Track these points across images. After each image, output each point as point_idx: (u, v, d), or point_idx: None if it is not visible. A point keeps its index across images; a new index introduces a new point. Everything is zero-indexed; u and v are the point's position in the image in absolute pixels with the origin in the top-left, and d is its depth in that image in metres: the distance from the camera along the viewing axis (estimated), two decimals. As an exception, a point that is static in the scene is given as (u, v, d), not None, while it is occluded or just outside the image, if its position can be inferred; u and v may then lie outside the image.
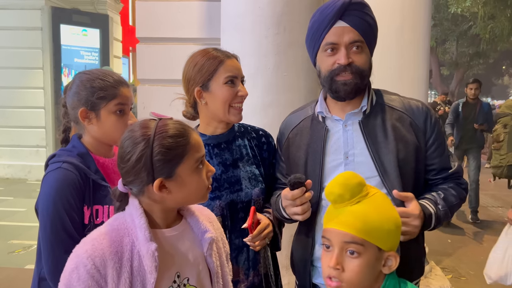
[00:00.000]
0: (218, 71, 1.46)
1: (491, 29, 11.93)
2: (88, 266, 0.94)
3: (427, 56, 3.73)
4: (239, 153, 1.54)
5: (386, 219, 1.03)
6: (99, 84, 1.37)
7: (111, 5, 8.74)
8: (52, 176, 1.29)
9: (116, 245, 0.98)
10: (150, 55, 3.51)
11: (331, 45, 1.33)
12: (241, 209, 1.47)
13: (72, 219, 1.26)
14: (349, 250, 1.00)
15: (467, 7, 10.98)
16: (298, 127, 1.49)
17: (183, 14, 3.43)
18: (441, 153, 1.41)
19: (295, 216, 1.34)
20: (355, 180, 1.03)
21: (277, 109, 2.58)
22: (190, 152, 1.01)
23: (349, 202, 1.01)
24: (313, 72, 2.66)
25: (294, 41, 2.54)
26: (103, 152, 1.43)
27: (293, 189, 1.29)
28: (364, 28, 1.33)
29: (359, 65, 1.32)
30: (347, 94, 1.34)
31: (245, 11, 2.55)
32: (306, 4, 2.56)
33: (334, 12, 1.31)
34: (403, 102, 1.41)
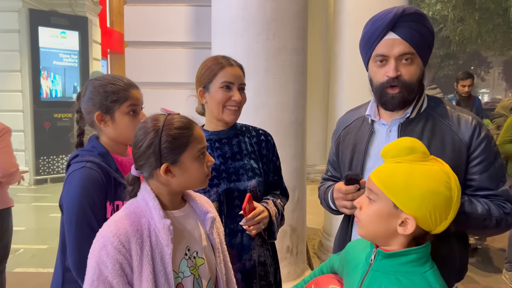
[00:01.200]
0: (218, 75, 1.61)
1: (461, 31, 12.41)
2: (114, 243, 1.07)
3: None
4: (238, 148, 1.69)
5: (417, 184, 1.05)
6: (111, 88, 1.47)
7: (89, 7, 8.69)
8: (77, 175, 1.38)
9: (135, 224, 1.12)
10: (138, 58, 3.58)
11: (381, 56, 1.36)
12: (236, 197, 1.62)
13: (96, 215, 1.36)
14: (368, 196, 1.11)
15: (437, 10, 11.42)
16: (350, 126, 1.57)
17: (171, 18, 3.52)
18: (482, 171, 1.35)
19: (343, 209, 1.42)
20: (422, 147, 1.10)
21: (267, 110, 2.72)
22: (193, 143, 1.16)
23: (419, 158, 1.08)
24: (301, 75, 2.83)
25: (283, 46, 2.67)
26: (119, 151, 1.53)
27: (348, 185, 1.37)
28: (416, 39, 1.34)
29: (407, 78, 1.35)
30: (394, 107, 1.39)
31: (236, 18, 2.67)
32: (294, 12, 2.70)
33: (385, 24, 1.33)
34: (452, 115, 1.40)
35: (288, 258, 2.87)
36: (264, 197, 1.72)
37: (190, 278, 1.18)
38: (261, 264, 1.67)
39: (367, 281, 1.12)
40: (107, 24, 10.89)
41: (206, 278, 1.23)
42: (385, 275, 1.09)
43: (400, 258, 1.08)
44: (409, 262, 1.08)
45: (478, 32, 12.13)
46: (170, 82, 3.54)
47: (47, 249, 4.56)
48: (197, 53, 3.53)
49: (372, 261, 1.13)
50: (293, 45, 2.71)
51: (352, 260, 1.23)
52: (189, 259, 1.19)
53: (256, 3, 2.61)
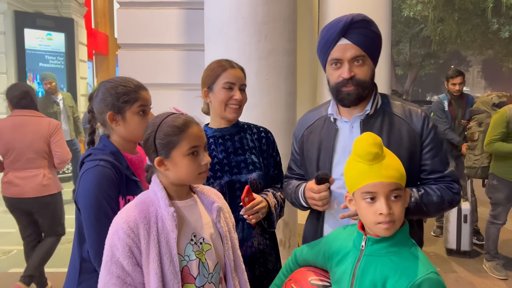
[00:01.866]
0: (220, 76, 1.77)
1: (441, 31, 12.71)
2: (124, 228, 1.21)
3: (389, 60, 4.10)
4: (240, 144, 1.84)
5: (401, 164, 1.25)
6: (122, 90, 1.55)
7: (75, 9, 8.66)
8: (91, 173, 1.47)
9: (144, 212, 1.25)
10: (132, 60, 3.65)
11: (336, 60, 1.52)
12: (238, 189, 1.75)
13: (112, 208, 1.45)
14: (393, 196, 1.20)
15: (418, 11, 11.66)
16: (313, 126, 1.70)
17: (163, 21, 3.60)
18: (433, 156, 1.54)
19: (316, 207, 1.57)
20: (378, 138, 1.23)
21: (260, 109, 2.83)
22: (184, 141, 1.27)
23: (381, 158, 1.22)
24: (292, 76, 2.95)
25: (275, 48, 2.79)
26: (128, 149, 1.62)
27: (319, 184, 1.51)
28: (366, 43, 1.51)
29: (360, 78, 1.51)
30: (350, 103, 1.55)
31: (229, 21, 2.78)
32: (285, 15, 2.82)
33: (337, 32, 1.50)
34: (404, 109, 1.57)
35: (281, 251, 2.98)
36: (265, 189, 1.84)
37: (196, 261, 1.29)
38: (260, 252, 1.79)
39: (361, 266, 1.25)
40: (92, 25, 10.86)
41: (213, 262, 1.34)
42: (378, 258, 1.23)
43: (389, 241, 1.23)
44: (396, 243, 1.23)
45: (457, 32, 12.43)
46: (163, 84, 3.62)
47: (40, 250, 4.58)
48: (189, 55, 3.62)
49: (363, 247, 1.26)
50: (284, 47, 2.83)
51: (340, 250, 1.34)
52: (195, 244, 1.30)
53: (248, 7, 2.72)
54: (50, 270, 4.07)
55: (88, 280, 1.48)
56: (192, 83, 3.58)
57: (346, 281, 1.27)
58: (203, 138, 1.32)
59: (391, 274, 1.19)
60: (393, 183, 1.20)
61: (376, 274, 1.21)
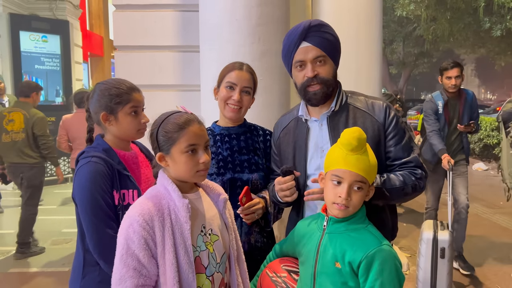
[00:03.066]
0: (226, 76, 1.88)
1: (433, 30, 12.81)
2: (140, 221, 1.24)
3: (380, 59, 4.17)
4: (246, 144, 1.91)
5: (375, 164, 1.42)
6: (115, 92, 1.63)
7: (70, 11, 8.70)
8: (85, 169, 1.55)
9: (157, 205, 1.30)
10: (128, 62, 3.70)
11: (299, 62, 1.64)
12: (239, 187, 1.82)
13: (106, 201, 1.52)
14: (356, 186, 1.38)
15: (411, 10, 11.76)
16: (287, 127, 1.82)
17: (159, 23, 3.65)
18: (396, 143, 1.63)
19: (285, 198, 1.66)
20: (364, 135, 1.39)
21: (255, 110, 2.88)
22: (183, 138, 1.32)
23: (359, 152, 1.38)
24: (285, 77, 3.03)
25: (268, 49, 2.85)
26: (122, 147, 1.70)
27: (284, 176, 1.63)
28: (325, 44, 1.63)
29: (323, 76, 1.63)
30: (318, 102, 1.66)
31: (223, 23, 2.84)
32: (278, 17, 2.88)
33: (298, 36, 1.62)
34: (367, 102, 1.69)
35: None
36: (266, 189, 1.90)
37: (206, 252, 1.35)
38: (257, 249, 1.86)
39: (324, 242, 1.42)
40: (87, 27, 10.88)
41: (220, 253, 1.40)
42: (339, 235, 1.41)
43: (348, 220, 1.42)
44: (354, 222, 1.42)
45: (450, 31, 12.52)
46: (159, 85, 3.67)
47: (38, 250, 4.63)
48: (185, 56, 3.67)
49: (325, 226, 1.44)
50: (277, 48, 2.86)
51: (306, 234, 1.52)
52: (204, 235, 1.36)
53: (242, 9, 2.78)
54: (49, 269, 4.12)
55: (92, 273, 1.55)
56: (187, 84, 3.64)
57: (311, 258, 1.44)
58: (204, 137, 1.36)
59: (348, 248, 1.37)
60: (360, 175, 1.37)
61: (337, 248, 1.38)
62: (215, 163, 1.86)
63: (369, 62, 4.01)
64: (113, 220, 1.52)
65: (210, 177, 1.82)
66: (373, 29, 4.09)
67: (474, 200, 6.79)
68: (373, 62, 4.07)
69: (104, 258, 1.48)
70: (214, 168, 1.85)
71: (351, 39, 3.81)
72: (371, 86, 3.97)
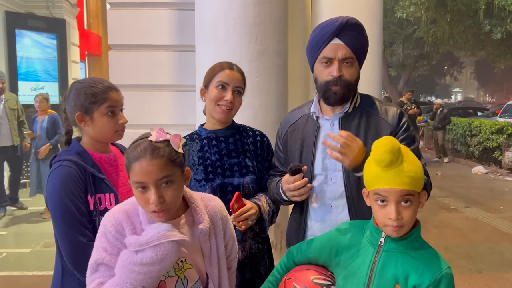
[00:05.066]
0: (216, 75, 1.77)
1: (433, 32, 12.77)
2: (112, 232, 1.22)
3: (380, 61, 4.10)
4: (235, 146, 1.81)
5: (419, 168, 1.29)
6: (90, 91, 1.55)
7: (67, 10, 8.61)
8: (55, 173, 1.48)
9: (130, 218, 1.24)
10: (122, 61, 3.62)
11: (327, 58, 1.58)
12: (230, 192, 1.72)
13: (77, 207, 1.44)
14: (403, 202, 1.25)
15: (411, 12, 11.69)
16: (296, 123, 1.75)
17: (154, 22, 3.57)
18: None
19: (293, 198, 1.61)
20: (397, 145, 1.26)
21: (251, 110, 2.82)
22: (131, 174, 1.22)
23: (396, 164, 1.25)
24: (283, 77, 2.94)
25: (266, 49, 2.78)
26: (100, 149, 1.62)
27: (293, 175, 1.56)
28: (357, 46, 1.58)
29: (347, 78, 1.58)
30: (336, 102, 1.61)
31: (219, 22, 2.76)
32: (276, 16, 2.81)
33: (332, 31, 1.56)
34: (381, 108, 1.66)
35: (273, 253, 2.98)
36: (260, 193, 1.82)
37: (174, 278, 1.27)
38: (252, 256, 1.77)
39: (381, 261, 1.31)
40: (85, 26, 10.79)
41: (193, 280, 1.31)
42: (398, 254, 1.30)
43: (407, 239, 1.31)
44: (413, 240, 1.31)
45: (450, 33, 12.49)
46: (154, 85, 3.59)
47: (30, 252, 4.56)
48: (181, 56, 3.59)
49: (382, 243, 1.32)
50: (275, 48, 2.82)
51: (352, 245, 1.39)
52: (177, 265, 1.28)
53: (238, 8, 2.71)
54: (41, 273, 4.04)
55: (71, 283, 1.48)
56: (183, 84, 3.56)
57: (363, 275, 1.32)
58: (153, 175, 1.19)
59: (412, 270, 1.27)
60: (404, 190, 1.25)
61: (398, 269, 1.28)
62: (203, 168, 1.76)
63: (369, 63, 3.91)
64: (86, 227, 1.45)
65: (198, 183, 1.74)
66: (373, 31, 4.02)
67: (474, 204, 6.72)
68: (373, 63, 4.00)
69: (77, 266, 1.40)
70: (202, 174, 1.75)
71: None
72: (370, 88, 3.90)
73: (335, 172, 1.64)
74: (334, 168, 1.64)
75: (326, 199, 1.65)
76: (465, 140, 11.30)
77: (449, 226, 5.60)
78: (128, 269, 1.16)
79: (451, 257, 4.40)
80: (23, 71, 7.64)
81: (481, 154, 10.63)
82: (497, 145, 9.90)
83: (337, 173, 1.63)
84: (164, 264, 1.17)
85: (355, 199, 1.60)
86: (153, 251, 1.16)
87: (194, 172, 1.76)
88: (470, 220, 5.85)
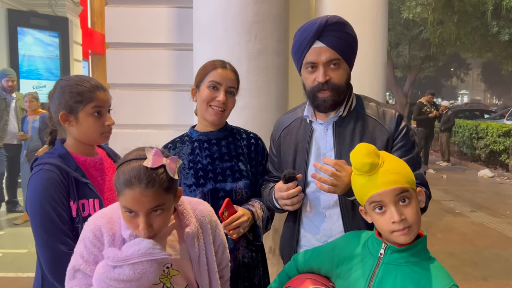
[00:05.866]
0: (208, 75, 1.67)
1: (440, 33, 12.63)
2: (90, 237, 1.17)
3: (384, 61, 4.00)
4: (227, 149, 1.71)
5: (404, 165, 1.22)
6: (76, 90, 1.47)
7: (70, 8, 8.58)
8: (35, 178, 1.40)
9: (111, 224, 1.19)
10: (120, 60, 3.55)
11: (311, 64, 1.48)
12: (222, 198, 1.62)
13: (58, 214, 1.36)
14: (401, 200, 1.17)
15: (418, 13, 11.56)
16: (289, 127, 1.67)
17: (153, 19, 3.50)
18: (402, 156, 1.46)
19: (286, 207, 1.52)
20: (371, 147, 1.20)
21: (249, 112, 2.73)
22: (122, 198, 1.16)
23: (379, 166, 1.18)
24: (283, 77, 2.85)
25: (265, 48, 2.69)
26: (85, 151, 1.53)
27: (286, 183, 1.47)
28: (341, 46, 1.47)
29: (335, 82, 1.47)
30: (326, 109, 1.52)
31: (217, 20, 2.68)
32: (275, 14, 2.72)
33: (312, 34, 1.46)
34: (378, 110, 1.55)
35: (270, 259, 2.88)
36: (253, 198, 1.73)
37: (159, 285, 1.20)
38: (244, 265, 1.68)
39: (379, 274, 1.22)
40: (88, 25, 10.76)
41: (181, 286, 1.25)
42: (398, 267, 1.20)
43: (410, 251, 1.20)
44: (416, 253, 1.21)
45: (457, 34, 12.34)
46: (152, 84, 3.52)
47: (26, 253, 4.49)
48: (180, 54, 3.51)
49: (382, 255, 1.23)
50: (274, 47, 2.73)
51: (352, 256, 1.31)
52: (163, 271, 1.20)
53: (237, 6, 2.62)
54: (34, 275, 3.97)
55: None
56: (182, 83, 3.48)
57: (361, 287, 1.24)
58: (145, 205, 1.13)
59: (413, 285, 1.17)
60: (396, 188, 1.17)
61: (397, 283, 1.19)
62: (194, 172, 1.67)
63: (373, 64, 3.83)
64: (67, 235, 1.37)
65: (189, 188, 1.64)
66: (378, 30, 3.92)
67: (480, 208, 6.60)
68: (377, 64, 3.90)
69: (57, 277, 1.32)
70: (193, 179, 1.66)
71: (354, 39, 3.64)
72: (374, 89, 3.80)
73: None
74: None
75: (320, 207, 1.56)
76: (471, 143, 11.16)
77: (454, 231, 5.49)
78: (105, 283, 1.10)
79: (456, 264, 4.29)
80: (25, 69, 7.60)
81: (487, 157, 10.49)
82: (504, 148, 9.77)
83: None
84: (141, 282, 1.11)
85: (349, 209, 1.51)
86: (131, 269, 1.09)
87: (184, 177, 1.67)
88: (476, 225, 5.73)
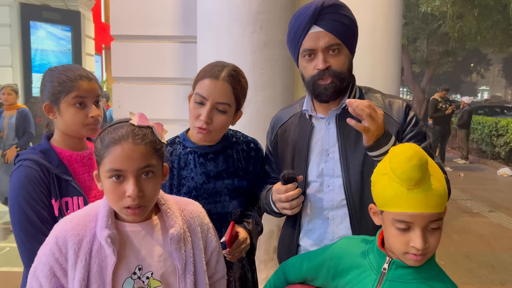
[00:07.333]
0: (199, 83, 1.44)
1: (460, 28, 12.30)
2: (52, 244, 1.05)
3: (399, 55, 3.83)
4: (226, 165, 1.52)
5: (444, 180, 1.07)
6: (57, 79, 1.41)
7: (82, 2, 8.57)
8: (15, 175, 1.34)
9: (79, 228, 1.06)
10: (124, 52, 3.47)
11: (309, 51, 1.36)
12: (216, 220, 1.45)
13: (37, 213, 1.30)
14: (431, 227, 1.03)
15: (436, 6, 11.26)
16: (287, 123, 1.54)
17: (158, 11, 3.40)
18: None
19: (284, 211, 1.40)
20: (424, 156, 1.03)
21: (254, 106, 2.62)
22: (107, 159, 1.06)
23: (424, 181, 1.01)
24: (289, 70, 2.72)
25: (270, 39, 2.57)
26: (72, 145, 1.46)
27: (285, 184, 1.35)
28: (340, 29, 1.35)
29: (336, 68, 1.35)
30: (328, 98, 1.38)
31: (221, 10, 2.57)
32: (282, 3, 2.60)
33: (307, 19, 1.34)
34: (384, 101, 1.44)
35: (275, 259, 2.78)
36: (248, 212, 1.58)
37: None
38: (239, 279, 1.57)
39: None
40: (102, 19, 10.77)
41: None
42: (404, 285, 1.08)
43: (417, 267, 1.08)
44: (426, 269, 1.09)
45: (477, 28, 12.01)
46: (157, 77, 3.43)
47: (34, 248, 4.48)
48: (184, 47, 3.41)
49: (386, 270, 1.11)
50: (281, 38, 2.60)
51: (351, 268, 1.17)
52: (138, 279, 1.08)
53: (242, -5, 2.51)
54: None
55: None
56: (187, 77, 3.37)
57: None
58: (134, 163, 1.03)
59: None
60: (434, 214, 1.02)
61: None
62: (186, 191, 1.48)
63: (386, 57, 3.68)
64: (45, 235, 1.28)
65: None
66: (392, 23, 3.76)
67: (498, 208, 6.37)
68: (390, 57, 3.74)
69: None
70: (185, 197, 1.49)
71: (366, 31, 3.49)
72: (387, 84, 3.65)
73: (333, 178, 1.42)
74: (332, 173, 1.42)
75: (322, 209, 1.44)
76: (491, 140, 10.85)
77: (470, 231, 5.30)
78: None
79: (471, 266, 4.12)
80: (37, 63, 7.62)
81: (507, 155, 10.19)
82: (525, 146, 9.47)
83: (335, 179, 1.41)
84: None
85: (357, 210, 1.38)
86: None
87: (176, 189, 1.50)
88: (494, 226, 5.52)
